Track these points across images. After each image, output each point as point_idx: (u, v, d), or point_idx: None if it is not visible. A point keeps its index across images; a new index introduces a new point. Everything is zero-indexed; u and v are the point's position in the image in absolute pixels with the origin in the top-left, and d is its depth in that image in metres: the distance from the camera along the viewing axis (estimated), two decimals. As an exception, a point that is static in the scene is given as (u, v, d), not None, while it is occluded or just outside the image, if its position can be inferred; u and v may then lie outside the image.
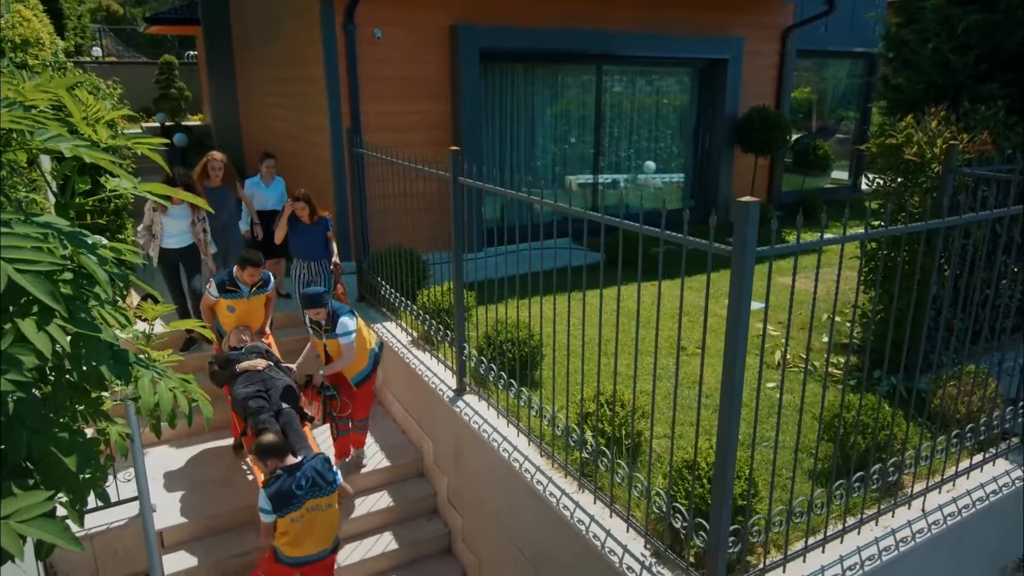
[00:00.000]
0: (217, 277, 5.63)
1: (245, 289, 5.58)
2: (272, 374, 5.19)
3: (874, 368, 5.00)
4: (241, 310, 5.64)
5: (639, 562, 3.44)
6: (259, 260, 5.54)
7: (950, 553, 3.82)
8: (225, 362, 5.30)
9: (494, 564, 5.03)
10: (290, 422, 4.94)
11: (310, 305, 5.08)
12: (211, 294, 5.57)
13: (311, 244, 6.54)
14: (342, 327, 5.09)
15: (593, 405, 4.12)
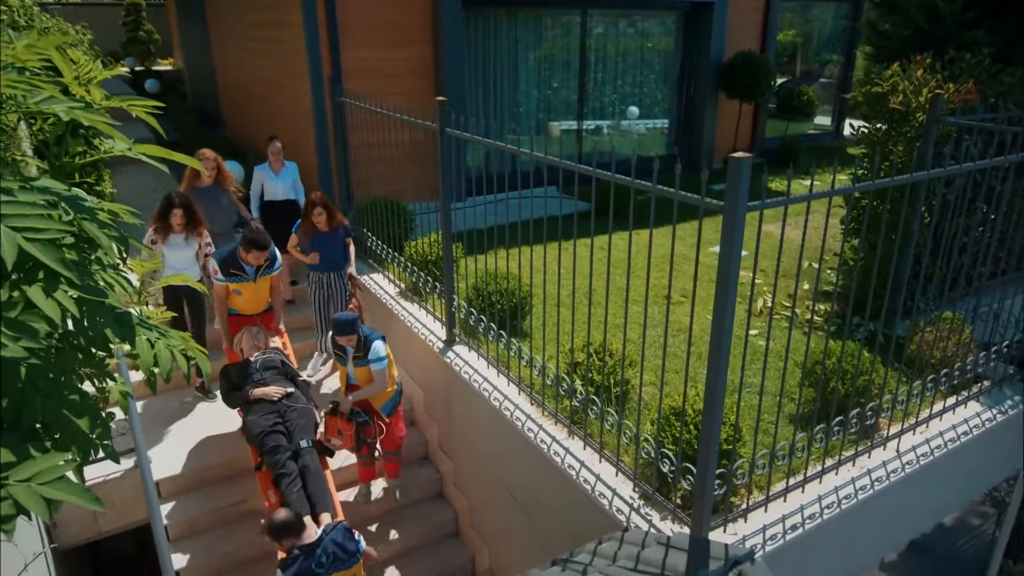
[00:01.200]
0: (218, 255, 5.14)
1: (251, 271, 5.14)
2: (290, 403, 4.71)
3: (856, 315, 5.13)
4: (249, 293, 5.25)
5: (628, 504, 3.58)
6: (266, 242, 5.02)
7: (921, 490, 4.01)
8: (240, 378, 4.86)
9: (485, 507, 5.20)
10: (309, 467, 4.48)
11: (343, 332, 4.64)
12: (219, 280, 5.14)
13: (328, 254, 5.77)
14: (374, 353, 4.71)
15: (583, 355, 4.21)
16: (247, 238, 4.97)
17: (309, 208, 5.66)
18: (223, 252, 5.15)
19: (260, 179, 6.59)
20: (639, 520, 3.47)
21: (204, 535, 5.01)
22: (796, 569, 3.46)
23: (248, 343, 5.15)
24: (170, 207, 5.27)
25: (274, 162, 6.56)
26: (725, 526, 3.36)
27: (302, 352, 6.34)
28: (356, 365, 4.79)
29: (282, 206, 6.62)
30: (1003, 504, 5.07)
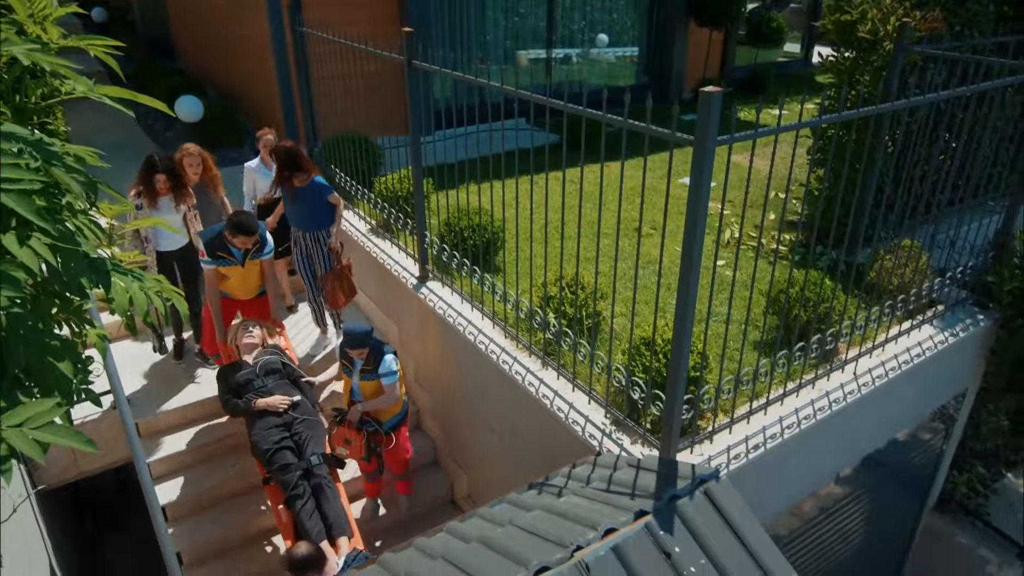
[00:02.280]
0: (205, 236, 4.85)
1: (238, 253, 4.84)
2: (296, 413, 4.48)
3: (819, 244, 5.27)
4: (238, 276, 4.96)
5: (600, 430, 3.73)
6: (252, 227, 4.68)
7: (876, 410, 4.24)
8: (239, 385, 4.57)
9: (462, 436, 5.36)
10: (322, 486, 4.29)
11: (356, 345, 4.47)
12: (205, 263, 4.86)
13: (303, 210, 5.35)
14: (385, 367, 4.56)
15: (555, 288, 4.28)
16: (232, 222, 4.67)
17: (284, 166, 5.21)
18: (210, 233, 4.85)
19: (252, 177, 5.92)
20: (611, 444, 3.62)
21: (187, 471, 5.10)
22: (758, 485, 3.68)
23: (244, 340, 4.81)
24: (152, 171, 4.95)
25: (266, 156, 5.83)
26: (692, 448, 3.53)
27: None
28: (363, 379, 4.61)
29: (276, 204, 5.88)
30: (951, 420, 5.38)
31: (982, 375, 5.12)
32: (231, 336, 4.94)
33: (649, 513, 2.84)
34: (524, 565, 2.56)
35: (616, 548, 2.67)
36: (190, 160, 5.31)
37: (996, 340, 4.87)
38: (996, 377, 4.99)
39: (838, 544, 5.16)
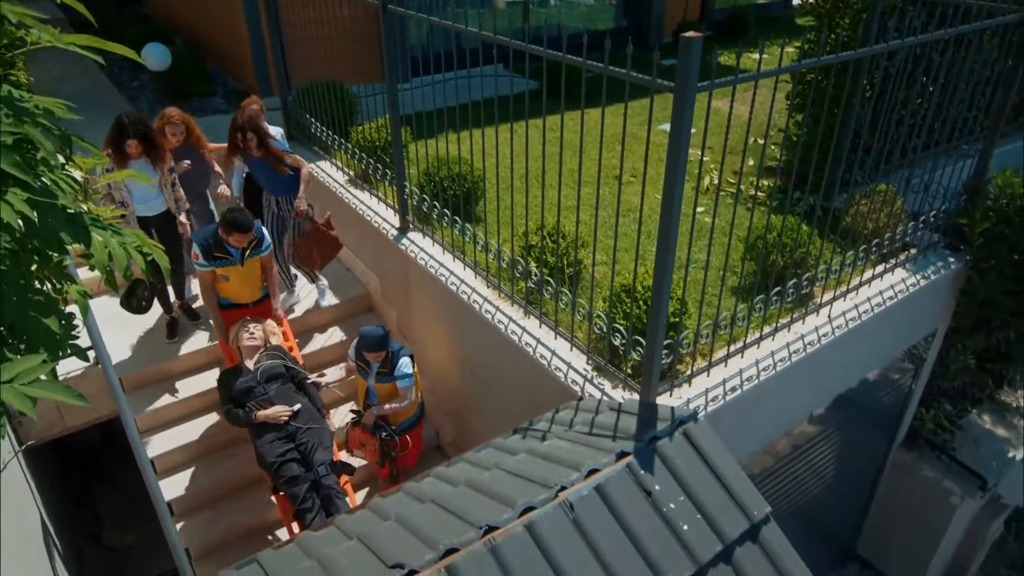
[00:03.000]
0: (198, 238, 4.58)
1: (236, 252, 4.57)
2: (299, 423, 4.30)
3: (797, 190, 5.31)
4: (237, 277, 4.70)
5: (582, 376, 3.81)
6: (247, 223, 4.43)
7: (848, 350, 4.36)
8: (240, 393, 4.36)
9: (447, 385, 5.44)
10: (331, 498, 4.18)
11: (373, 349, 4.33)
12: (200, 266, 4.60)
13: (270, 178, 5.24)
14: (401, 370, 4.44)
15: (536, 237, 4.30)
16: (226, 219, 4.39)
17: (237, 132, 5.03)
18: (204, 234, 4.58)
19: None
20: (592, 390, 3.71)
21: (173, 425, 5.13)
22: (735, 425, 3.80)
23: (246, 342, 4.58)
24: (123, 135, 4.57)
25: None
26: (671, 391, 3.63)
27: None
28: (379, 381, 4.51)
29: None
30: (920, 359, 5.56)
31: (951, 316, 5.27)
32: (232, 336, 4.72)
33: (630, 454, 2.94)
34: (510, 505, 2.66)
35: (599, 487, 2.77)
36: (172, 129, 5.01)
37: (966, 281, 5.00)
38: (965, 317, 5.14)
39: (810, 480, 5.38)
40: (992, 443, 5.94)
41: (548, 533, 2.60)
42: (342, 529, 2.94)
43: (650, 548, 2.68)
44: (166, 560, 6.08)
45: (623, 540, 2.69)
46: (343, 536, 2.86)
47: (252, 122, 5.02)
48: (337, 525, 3.01)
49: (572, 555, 2.59)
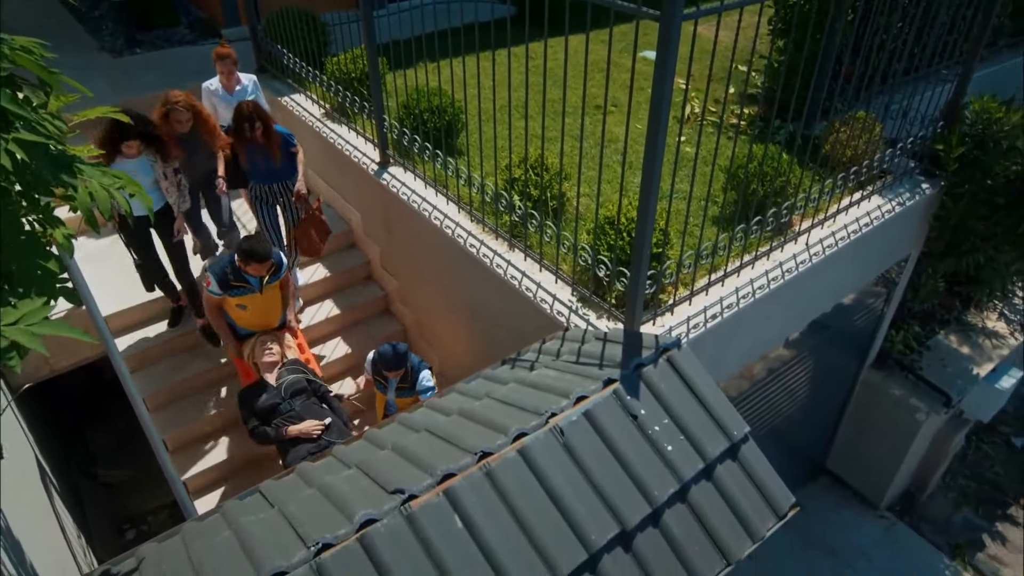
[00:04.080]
0: (214, 270, 4.28)
1: (255, 281, 4.28)
2: (329, 437, 4.19)
3: (778, 118, 5.32)
4: (256, 306, 4.42)
5: (567, 307, 3.89)
6: (266, 252, 4.15)
7: (824, 277, 4.48)
8: (266, 413, 4.23)
9: (432, 319, 5.51)
10: None
11: (393, 367, 4.25)
12: (212, 292, 4.31)
13: (270, 165, 4.95)
14: (422, 383, 4.40)
15: (519, 170, 4.29)
16: (243, 249, 4.10)
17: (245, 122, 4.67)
18: (220, 265, 4.29)
19: (210, 102, 5.26)
20: (578, 320, 3.80)
21: (160, 363, 5.17)
22: (716, 351, 3.93)
23: (265, 358, 4.43)
24: (123, 136, 4.17)
25: (226, 79, 5.19)
26: (655, 320, 3.73)
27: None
28: (399, 396, 4.45)
29: None
30: (892, 283, 5.72)
31: (924, 241, 5.40)
32: (247, 353, 4.56)
33: (616, 380, 3.05)
34: (503, 432, 2.76)
35: (587, 413, 2.89)
36: (178, 116, 4.54)
37: (940, 207, 5.11)
38: (937, 242, 5.27)
39: (784, 401, 5.60)
40: (957, 362, 6.20)
41: (540, 457, 2.72)
42: (340, 459, 3.04)
43: (637, 468, 2.82)
44: (163, 494, 6.24)
45: (611, 461, 2.82)
46: (342, 465, 2.97)
47: (258, 110, 4.74)
48: (335, 455, 3.11)
49: (563, 477, 2.72)
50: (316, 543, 2.35)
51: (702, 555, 2.76)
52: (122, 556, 2.73)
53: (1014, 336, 6.50)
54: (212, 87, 5.29)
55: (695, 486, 2.89)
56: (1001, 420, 7.68)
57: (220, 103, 5.29)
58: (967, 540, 6.67)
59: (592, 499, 2.71)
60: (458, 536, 2.50)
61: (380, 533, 2.42)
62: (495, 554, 2.49)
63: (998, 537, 6.75)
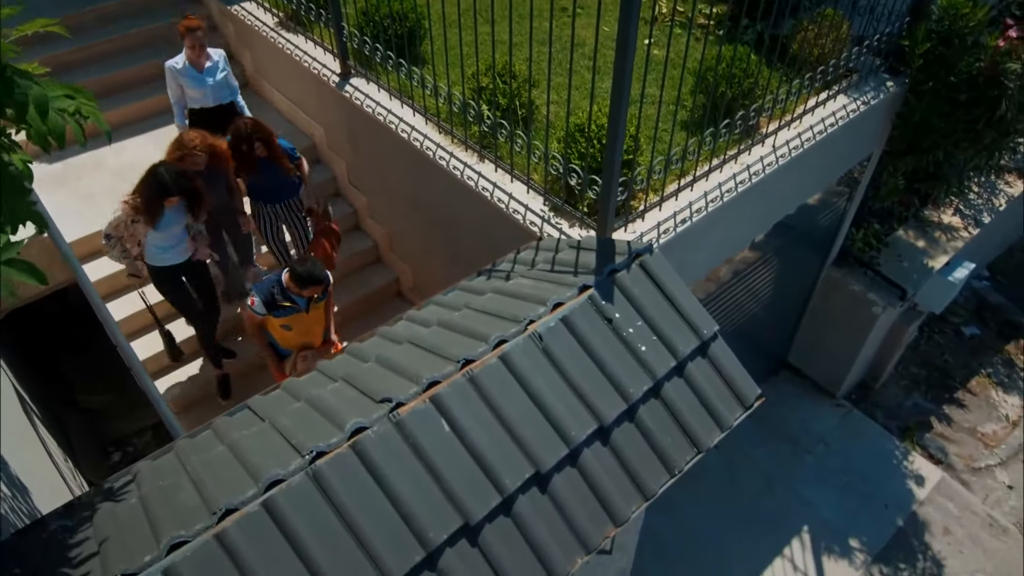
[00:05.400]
0: (261, 289, 4.05)
1: (302, 301, 4.08)
2: None
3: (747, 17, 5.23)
4: (301, 326, 4.22)
5: (540, 217, 3.93)
6: (322, 276, 3.94)
7: (790, 178, 4.56)
8: None
9: (404, 233, 5.51)
10: None
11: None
12: (256, 312, 4.07)
13: (276, 183, 4.71)
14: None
15: (487, 79, 4.21)
16: (300, 275, 3.88)
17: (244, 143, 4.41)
18: (267, 285, 4.07)
19: (177, 81, 4.89)
20: (551, 230, 3.85)
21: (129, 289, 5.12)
22: (685, 254, 4.03)
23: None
24: (164, 194, 4.00)
25: (195, 56, 4.80)
26: (626, 227, 3.80)
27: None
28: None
29: (214, 115, 4.94)
30: (855, 183, 5.84)
31: (887, 140, 5.49)
32: (289, 369, 4.42)
33: (591, 287, 3.14)
34: (484, 340, 2.85)
35: (564, 319, 2.98)
36: (194, 159, 4.27)
37: (903, 104, 5.16)
38: (899, 140, 5.36)
39: (749, 301, 5.81)
40: (914, 257, 6.44)
41: (521, 362, 2.82)
42: (325, 373, 3.12)
43: (612, 368, 2.95)
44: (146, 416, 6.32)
45: (588, 363, 2.94)
46: (327, 379, 3.05)
47: (258, 129, 4.45)
48: (320, 370, 3.19)
49: (543, 379, 2.84)
50: (310, 451, 2.46)
51: (675, 445, 2.94)
52: (118, 474, 2.82)
53: (968, 230, 6.75)
54: (178, 66, 4.83)
55: (667, 383, 3.04)
56: (952, 311, 8.07)
57: (189, 83, 4.88)
58: (916, 423, 7.15)
59: (571, 399, 2.85)
60: (446, 439, 2.63)
61: (371, 439, 2.53)
62: (482, 454, 2.63)
63: (945, 419, 7.24)
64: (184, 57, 4.83)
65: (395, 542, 2.42)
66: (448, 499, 2.53)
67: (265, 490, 2.37)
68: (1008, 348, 7.98)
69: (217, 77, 4.91)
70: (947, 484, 6.64)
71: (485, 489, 2.59)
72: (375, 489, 2.48)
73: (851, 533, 6.18)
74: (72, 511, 2.67)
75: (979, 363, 7.78)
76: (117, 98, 6.05)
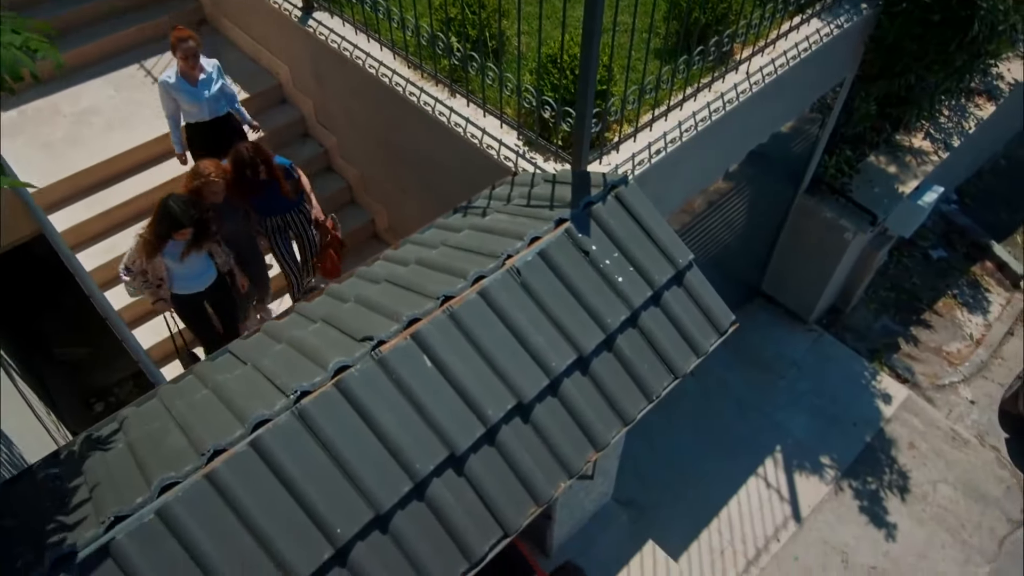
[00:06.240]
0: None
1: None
2: None
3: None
4: None
5: (514, 152, 3.89)
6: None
7: (764, 106, 4.54)
8: None
9: (376, 173, 5.44)
10: None
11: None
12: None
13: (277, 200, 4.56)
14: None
15: (455, 9, 4.09)
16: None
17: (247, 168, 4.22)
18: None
19: (171, 96, 4.60)
20: (526, 164, 3.82)
21: (100, 240, 5.02)
22: (661, 185, 4.04)
23: None
24: (176, 226, 3.89)
25: (188, 68, 4.52)
26: (601, 159, 3.78)
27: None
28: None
29: (212, 128, 4.75)
30: (828, 109, 5.84)
31: (859, 64, 5.46)
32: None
33: (567, 220, 3.15)
34: (462, 276, 2.87)
35: (542, 252, 3.00)
36: (212, 188, 4.08)
37: (876, 26, 5.12)
38: (871, 64, 5.34)
39: (723, 231, 5.87)
40: (884, 182, 6.51)
41: (500, 296, 2.85)
42: (304, 315, 3.13)
43: (590, 300, 2.99)
44: (125, 366, 6.31)
45: (566, 295, 2.98)
46: (307, 320, 3.06)
47: (259, 152, 4.26)
48: (298, 311, 3.19)
49: (523, 313, 2.88)
50: (295, 391, 2.48)
51: (652, 372, 3.02)
52: (103, 421, 2.83)
53: (937, 154, 6.81)
54: (171, 80, 4.55)
55: (644, 312, 3.09)
56: (921, 235, 8.23)
57: (184, 98, 4.61)
58: (884, 344, 7.38)
59: (550, 331, 2.90)
60: (429, 374, 2.67)
61: (355, 377, 2.56)
62: (464, 387, 2.68)
63: (912, 339, 7.47)
64: (176, 70, 4.55)
65: (383, 475, 2.48)
66: (433, 431, 2.59)
67: (252, 430, 2.40)
68: (974, 270, 8.19)
69: (213, 90, 4.66)
70: (913, 401, 6.91)
71: (469, 421, 2.65)
72: (361, 425, 2.53)
73: (821, 451, 6.45)
74: (59, 459, 2.70)
75: (946, 285, 7.99)
76: (72, 39, 5.78)
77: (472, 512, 2.58)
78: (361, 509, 2.43)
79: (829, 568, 5.80)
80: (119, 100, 5.56)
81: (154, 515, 2.23)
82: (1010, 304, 7.91)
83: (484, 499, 2.61)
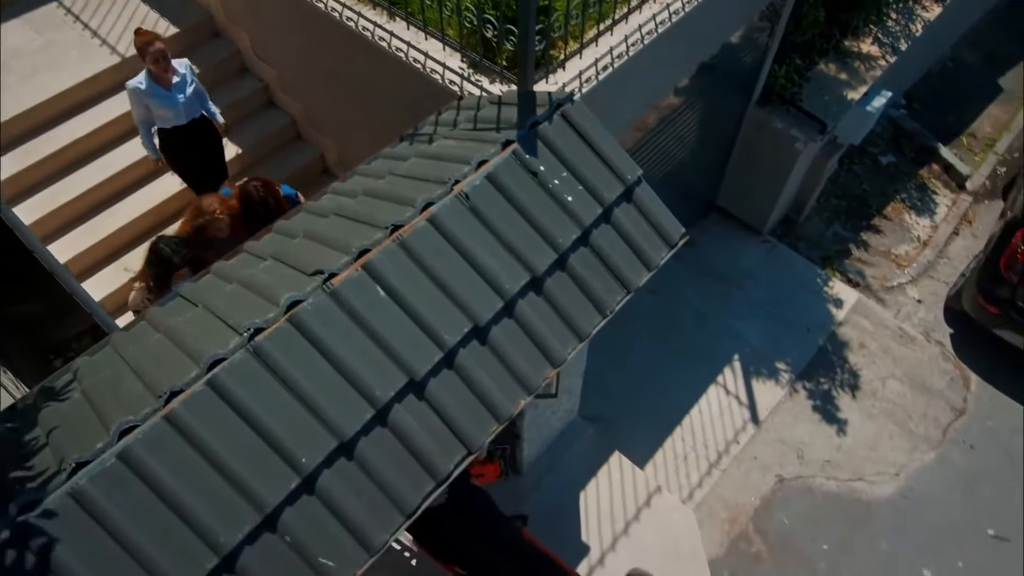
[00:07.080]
0: None
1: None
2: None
3: None
4: None
5: (459, 75, 3.80)
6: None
7: (712, 14, 4.47)
8: None
9: (321, 106, 5.28)
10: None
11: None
12: None
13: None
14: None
15: (387, -75, 3.90)
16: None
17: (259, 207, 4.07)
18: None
19: (141, 102, 4.38)
20: (471, 87, 3.74)
21: (38, 190, 4.83)
22: (608, 102, 4.00)
23: None
24: (170, 270, 3.83)
25: (159, 73, 4.29)
26: (547, 78, 3.72)
27: None
28: None
29: (188, 132, 4.57)
30: (776, 16, 5.77)
31: (806, -33, 5.39)
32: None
33: (514, 142, 3.11)
34: (411, 204, 2.84)
35: (489, 176, 2.98)
36: (218, 225, 3.97)
37: (821, -72, 5.03)
38: (817, -33, 5.27)
39: (676, 147, 5.87)
40: (834, 90, 6.53)
41: (449, 222, 2.84)
42: (253, 253, 3.09)
43: (540, 221, 3.00)
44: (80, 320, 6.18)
45: (516, 218, 2.98)
46: (256, 259, 3.02)
47: (269, 190, 4.13)
48: (247, 250, 3.15)
49: (473, 238, 2.88)
50: (248, 329, 2.48)
51: (605, 288, 3.07)
52: (56, 373, 2.81)
53: (885, 58, 6.84)
54: (142, 86, 4.31)
55: (595, 230, 3.12)
56: (870, 141, 8.34)
57: (157, 103, 4.38)
58: (836, 251, 7.58)
59: (502, 254, 2.91)
60: (383, 304, 2.68)
61: (308, 311, 2.56)
62: (420, 315, 2.70)
63: (862, 245, 7.68)
64: (146, 75, 4.31)
65: (344, 404, 2.52)
66: (391, 359, 2.62)
67: (207, 370, 2.41)
68: (922, 173, 8.37)
69: (187, 92, 4.45)
70: (863, 304, 7.17)
71: (426, 346, 2.68)
72: (318, 358, 2.55)
73: (777, 356, 6.69)
74: (15, 413, 2.68)
75: (895, 190, 8.17)
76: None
77: (435, 434, 2.65)
78: (325, 438, 2.48)
79: (786, 464, 6.12)
80: (38, 43, 5.25)
81: (116, 459, 2.25)
82: (956, 205, 8.14)
83: (446, 420, 2.67)
